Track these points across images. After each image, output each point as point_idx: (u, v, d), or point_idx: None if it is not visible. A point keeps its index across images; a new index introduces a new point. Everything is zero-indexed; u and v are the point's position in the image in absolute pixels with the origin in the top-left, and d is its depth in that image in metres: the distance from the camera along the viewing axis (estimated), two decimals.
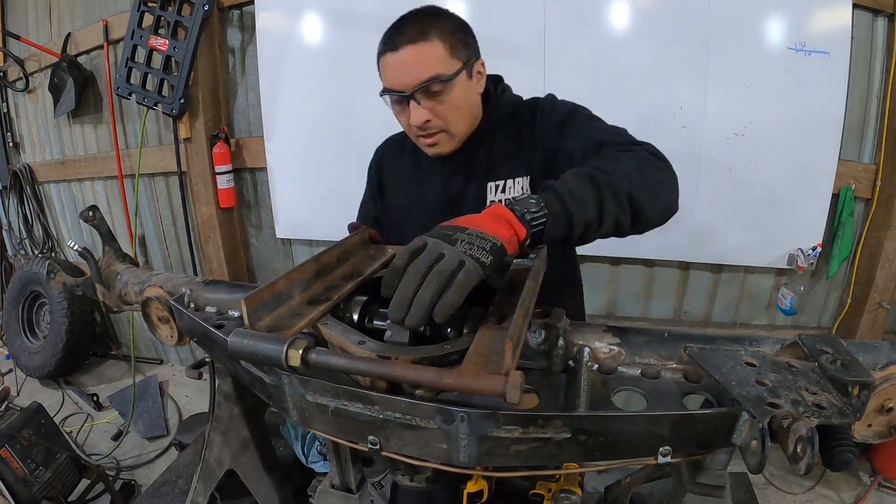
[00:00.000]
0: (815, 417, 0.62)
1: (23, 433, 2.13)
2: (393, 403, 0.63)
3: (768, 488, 2.37)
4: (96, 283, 1.19)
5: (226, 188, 2.80)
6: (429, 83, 1.11)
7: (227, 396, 1.08)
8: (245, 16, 2.67)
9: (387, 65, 1.15)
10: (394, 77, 1.14)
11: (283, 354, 0.61)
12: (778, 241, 2.36)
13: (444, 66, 1.13)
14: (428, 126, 1.17)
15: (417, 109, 1.14)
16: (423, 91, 1.13)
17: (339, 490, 0.93)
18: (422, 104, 1.14)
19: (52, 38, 3.14)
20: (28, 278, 3.44)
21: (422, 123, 1.16)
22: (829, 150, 2.23)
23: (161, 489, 1.40)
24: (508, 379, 0.55)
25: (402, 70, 1.12)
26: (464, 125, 1.23)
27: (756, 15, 2.14)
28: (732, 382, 0.68)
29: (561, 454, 0.63)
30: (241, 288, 0.95)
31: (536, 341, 0.78)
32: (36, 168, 3.54)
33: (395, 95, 1.16)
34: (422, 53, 1.11)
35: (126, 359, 3.57)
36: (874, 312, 2.37)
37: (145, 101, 2.71)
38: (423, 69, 1.11)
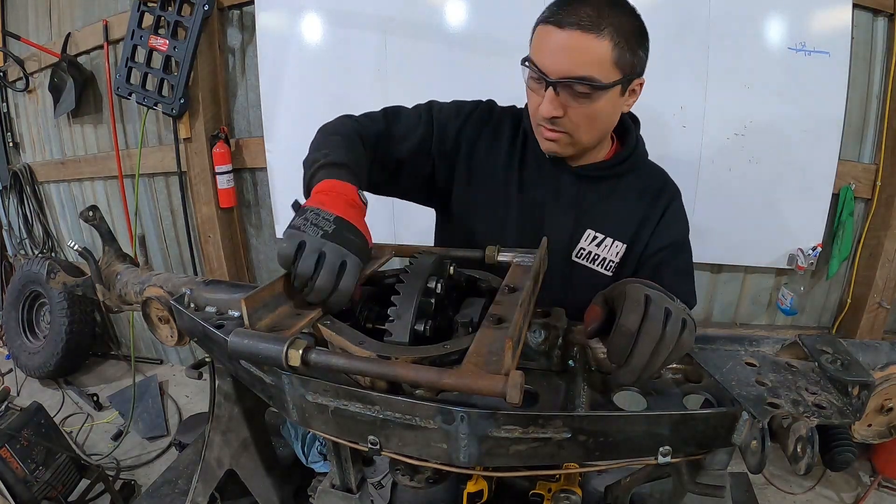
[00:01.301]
0: (815, 417, 0.62)
1: (23, 433, 2.13)
2: (393, 403, 0.63)
3: (768, 488, 2.37)
4: (96, 283, 1.19)
5: (226, 188, 2.80)
6: (576, 81, 0.99)
7: (227, 396, 1.08)
8: (245, 16, 2.67)
9: (544, 37, 1.01)
10: (545, 55, 1.01)
11: (282, 354, 0.61)
12: (778, 241, 2.36)
13: (603, 72, 0.99)
14: (555, 122, 1.06)
15: (551, 101, 1.02)
16: (566, 86, 1.00)
17: (339, 490, 0.93)
18: (559, 97, 1.02)
19: (52, 38, 3.14)
20: (28, 278, 3.44)
21: (549, 116, 1.04)
22: (829, 150, 2.23)
23: (161, 489, 1.40)
24: (508, 379, 0.55)
25: (557, 53, 0.99)
26: (591, 138, 1.12)
27: (756, 15, 2.14)
28: (732, 382, 0.68)
29: (561, 454, 0.63)
30: (241, 288, 0.94)
31: (536, 341, 0.78)
32: (36, 168, 3.54)
33: (535, 72, 1.03)
34: (587, 47, 0.97)
35: (126, 359, 3.57)
36: (874, 312, 2.37)
37: (145, 101, 2.71)
38: (578, 64, 0.98)
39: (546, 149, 1.14)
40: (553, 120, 1.06)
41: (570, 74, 0.99)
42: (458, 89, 1.55)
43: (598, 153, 1.22)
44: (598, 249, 1.20)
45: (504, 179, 1.22)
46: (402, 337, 0.70)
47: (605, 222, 1.20)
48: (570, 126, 1.07)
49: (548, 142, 1.11)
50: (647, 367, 0.67)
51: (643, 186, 1.22)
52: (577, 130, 1.08)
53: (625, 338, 0.68)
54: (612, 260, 1.21)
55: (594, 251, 1.20)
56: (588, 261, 1.21)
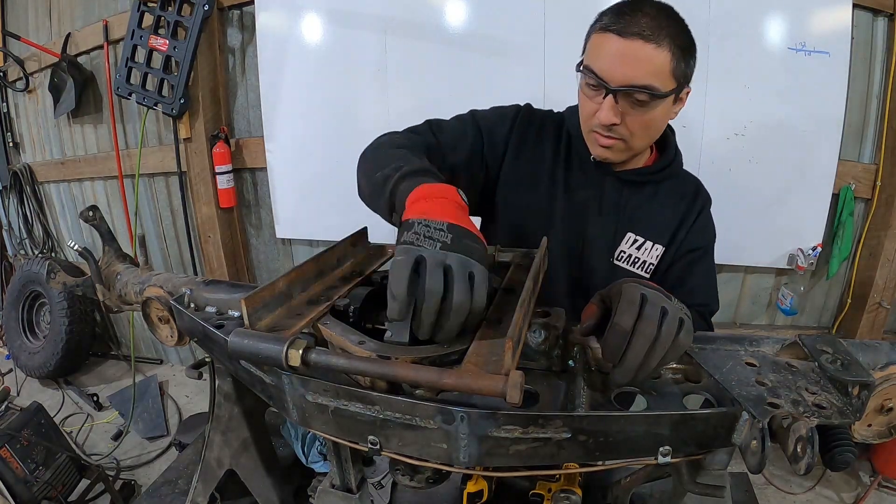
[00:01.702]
0: (815, 417, 0.62)
1: (23, 433, 2.13)
2: (393, 403, 0.63)
3: (768, 488, 2.37)
4: (96, 283, 1.19)
5: (226, 188, 2.80)
6: (638, 90, 1.01)
7: (227, 396, 1.08)
8: (245, 16, 2.67)
9: (604, 45, 1.02)
10: (606, 63, 1.02)
11: (282, 354, 0.61)
12: (778, 241, 2.36)
13: (661, 81, 1.02)
14: (612, 129, 1.08)
15: (610, 108, 1.04)
16: (626, 94, 1.02)
17: (339, 490, 0.93)
18: (618, 105, 1.04)
19: (52, 38, 3.14)
20: (28, 278, 3.45)
21: (609, 123, 1.06)
22: (829, 150, 2.23)
23: (161, 489, 1.40)
24: (508, 379, 0.55)
25: (619, 62, 1.00)
26: (643, 144, 1.16)
27: (756, 15, 2.14)
28: (732, 382, 0.68)
29: (561, 454, 0.63)
30: (241, 288, 0.94)
31: (536, 341, 0.78)
32: (36, 168, 3.54)
33: (594, 80, 1.04)
34: (648, 56, 0.99)
35: (126, 359, 3.57)
36: (874, 312, 2.37)
37: (145, 101, 2.72)
38: (641, 73, 1.00)
39: (598, 154, 1.16)
40: (610, 127, 1.07)
41: (632, 83, 1.00)
42: (458, 89, 1.55)
43: (640, 159, 1.25)
44: (638, 252, 1.22)
45: (549, 182, 1.24)
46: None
47: (645, 226, 1.22)
48: (626, 133, 1.09)
49: (602, 148, 1.13)
50: (643, 367, 0.67)
51: (681, 192, 1.26)
52: (632, 137, 1.10)
53: (619, 337, 0.67)
54: (651, 262, 1.24)
55: (634, 254, 1.23)
56: (628, 264, 1.24)
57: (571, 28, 2.22)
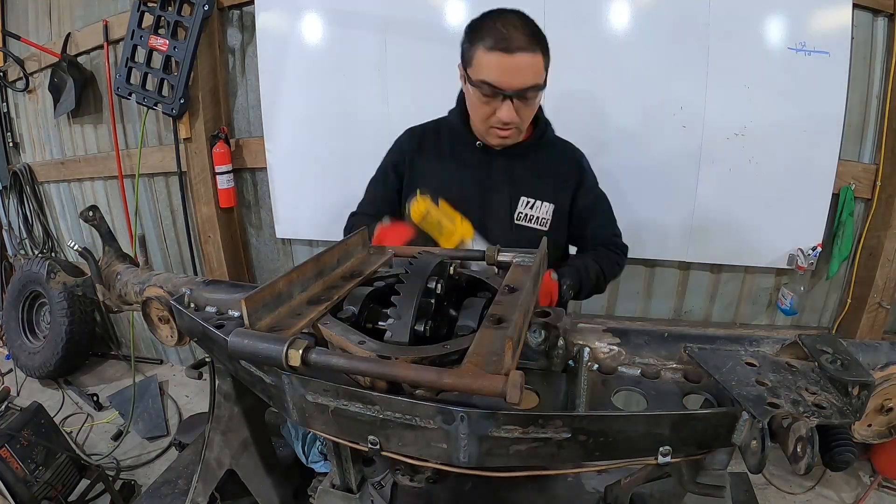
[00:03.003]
0: (816, 417, 0.62)
1: (23, 433, 2.13)
2: (393, 403, 0.63)
3: (768, 488, 2.37)
4: (96, 283, 1.19)
5: (226, 188, 2.80)
6: (529, 90, 1.28)
7: (227, 396, 1.08)
8: (245, 16, 2.67)
9: (495, 63, 1.25)
10: (500, 76, 1.26)
11: (282, 354, 0.61)
12: (778, 241, 2.36)
13: (541, 77, 1.30)
14: (511, 122, 1.33)
15: (510, 109, 1.30)
16: (520, 95, 1.28)
17: (339, 490, 0.93)
18: (514, 104, 1.30)
19: (52, 38, 3.14)
20: (28, 278, 3.44)
21: (509, 120, 1.32)
22: (829, 150, 2.23)
23: (161, 489, 1.40)
24: (508, 379, 0.55)
25: (512, 73, 1.25)
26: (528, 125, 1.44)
27: (756, 15, 2.14)
28: (732, 382, 0.68)
29: (561, 454, 0.63)
30: (241, 288, 0.94)
31: (536, 341, 0.78)
32: (36, 168, 3.54)
33: (492, 90, 1.28)
34: (532, 64, 1.26)
35: (126, 359, 3.57)
36: (874, 312, 2.37)
37: (145, 101, 2.71)
38: (529, 77, 1.27)
39: (498, 143, 1.43)
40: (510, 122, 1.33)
41: (524, 86, 1.27)
42: (458, 89, 1.55)
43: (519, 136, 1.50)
44: (532, 211, 1.50)
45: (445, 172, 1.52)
46: (402, 337, 0.70)
47: (534, 189, 1.50)
48: (519, 121, 1.36)
49: (501, 139, 1.40)
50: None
51: (556, 156, 1.54)
52: (524, 122, 1.39)
53: None
54: (545, 218, 1.52)
55: (529, 213, 1.51)
56: (527, 221, 1.51)
57: (571, 28, 2.23)
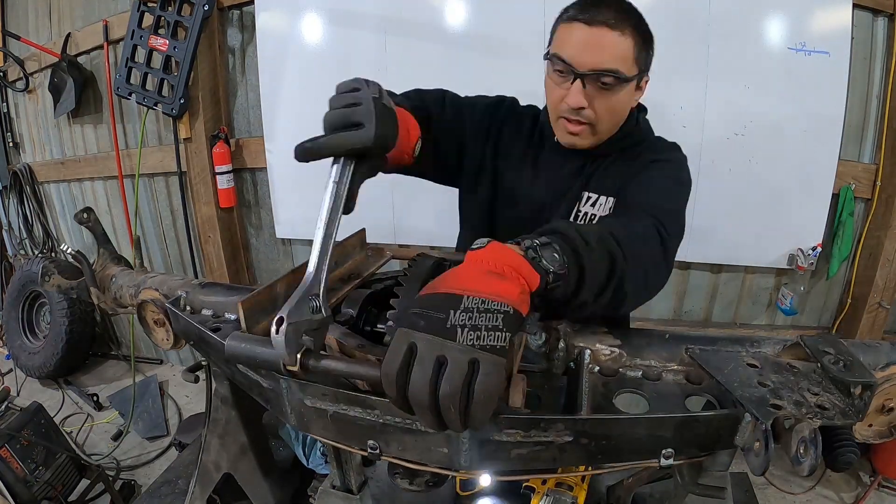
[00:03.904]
0: (818, 418, 0.62)
1: (23, 433, 2.12)
2: (393, 407, 0.62)
3: (768, 488, 2.37)
4: (91, 287, 1.18)
5: (226, 188, 2.79)
6: (604, 74, 1.07)
7: (225, 400, 1.07)
8: (245, 16, 2.67)
9: (572, 34, 1.09)
10: (574, 50, 1.08)
11: (281, 358, 0.60)
12: (778, 241, 2.36)
13: (626, 66, 1.09)
14: (580, 113, 1.13)
15: (579, 93, 1.09)
16: (594, 78, 1.08)
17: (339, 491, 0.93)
18: (586, 89, 1.09)
19: (52, 38, 3.13)
20: (28, 278, 3.44)
21: (577, 106, 1.11)
22: (829, 150, 2.22)
23: (161, 489, 1.40)
24: (510, 382, 0.54)
25: (588, 48, 1.07)
26: (609, 129, 1.20)
27: (756, 15, 2.14)
28: (734, 384, 0.68)
29: (563, 457, 0.63)
30: (238, 290, 0.94)
31: (537, 343, 0.78)
32: (36, 168, 3.54)
33: (563, 65, 1.10)
34: (614, 42, 1.07)
35: (126, 359, 3.57)
36: (874, 312, 2.37)
37: (145, 101, 2.71)
38: (608, 58, 1.07)
39: (567, 141, 1.20)
40: (578, 111, 1.12)
41: (599, 67, 1.07)
42: (458, 89, 1.55)
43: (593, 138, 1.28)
44: (594, 209, 1.25)
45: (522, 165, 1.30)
46: None
47: (599, 183, 1.25)
48: (593, 117, 1.13)
49: (569, 135, 1.18)
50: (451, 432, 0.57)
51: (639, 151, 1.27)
52: (598, 121, 1.15)
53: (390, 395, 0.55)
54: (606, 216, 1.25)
55: (590, 211, 1.25)
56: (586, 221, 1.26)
57: None
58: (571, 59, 1.08)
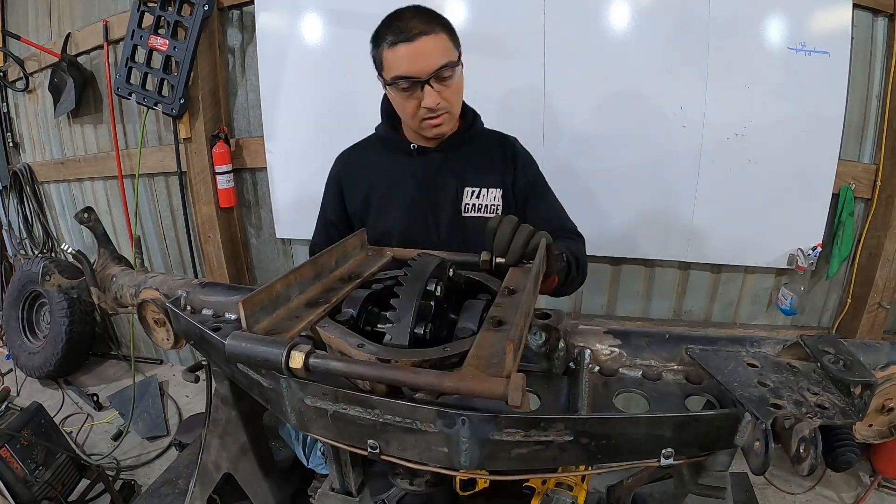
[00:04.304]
0: (818, 418, 0.62)
1: (23, 433, 2.12)
2: (393, 407, 0.62)
3: (768, 488, 2.37)
4: (91, 286, 1.18)
5: (226, 188, 2.79)
6: (442, 69, 1.26)
7: (225, 400, 1.07)
8: (245, 16, 2.67)
9: (401, 54, 1.27)
10: (410, 65, 1.26)
11: (282, 358, 0.60)
12: (778, 241, 2.36)
13: (450, 54, 1.29)
14: (438, 108, 1.31)
15: (431, 94, 1.28)
16: (436, 77, 1.27)
17: (339, 493, 0.93)
18: (434, 88, 1.28)
19: (52, 38, 3.13)
20: (28, 278, 3.44)
21: (435, 105, 1.30)
22: (829, 150, 2.22)
23: (161, 489, 1.40)
24: (510, 382, 0.54)
25: (420, 58, 1.25)
26: (459, 107, 1.41)
27: (756, 15, 2.14)
28: (734, 384, 0.68)
29: (563, 457, 0.63)
30: (238, 290, 0.94)
31: (537, 343, 0.78)
32: (36, 168, 3.54)
33: (408, 82, 1.28)
34: (436, 43, 1.26)
35: (126, 359, 3.57)
36: (874, 312, 2.37)
37: (145, 101, 2.71)
38: (438, 57, 1.26)
39: (435, 135, 1.40)
40: (437, 107, 1.31)
41: (435, 67, 1.26)
42: None
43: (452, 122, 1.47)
44: (479, 200, 1.46)
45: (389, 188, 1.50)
46: (401, 340, 0.70)
47: (475, 178, 1.46)
48: (448, 105, 1.33)
49: (436, 128, 1.37)
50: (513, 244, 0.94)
51: (490, 143, 1.52)
52: (452, 106, 1.36)
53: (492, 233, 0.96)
54: (495, 204, 1.47)
55: (476, 203, 1.47)
56: (475, 212, 1.47)
57: (571, 28, 2.23)
58: (412, 73, 1.27)
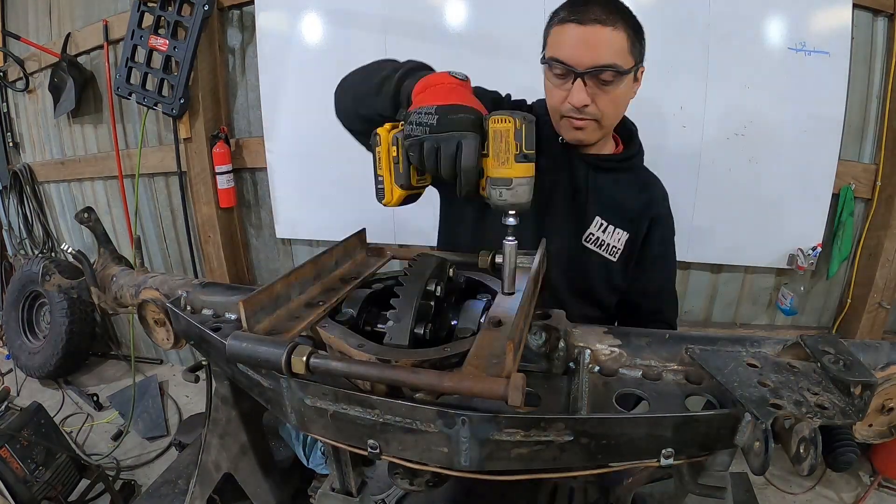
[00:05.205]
0: (818, 418, 0.62)
1: (23, 433, 2.12)
2: (393, 407, 0.62)
3: (768, 488, 2.37)
4: (91, 286, 1.18)
5: (226, 188, 2.79)
6: (603, 69, 1.09)
7: (225, 400, 1.07)
8: (245, 16, 2.67)
9: (566, 35, 1.11)
10: (570, 50, 1.10)
11: (283, 358, 0.60)
12: (778, 241, 2.36)
13: (623, 59, 1.11)
14: (584, 110, 1.15)
15: (581, 91, 1.11)
16: (594, 75, 1.10)
17: (339, 493, 0.93)
18: (587, 87, 1.12)
19: (52, 38, 3.13)
20: (28, 278, 3.44)
21: (581, 105, 1.13)
22: (829, 150, 2.22)
23: (161, 489, 1.40)
24: (510, 381, 0.54)
25: (583, 47, 1.09)
26: (613, 122, 1.23)
27: (756, 15, 2.14)
28: (734, 384, 0.68)
29: (563, 457, 0.63)
30: (238, 290, 0.94)
31: (537, 343, 0.78)
32: (36, 168, 3.54)
33: (562, 68, 1.12)
34: (608, 38, 1.09)
35: (126, 359, 3.57)
36: (874, 312, 2.37)
37: (145, 101, 2.71)
38: (604, 54, 1.09)
39: (572, 138, 1.22)
40: (583, 109, 1.14)
41: (598, 63, 1.09)
42: None
43: (604, 146, 1.32)
44: (604, 236, 1.29)
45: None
46: (401, 340, 0.70)
47: (610, 211, 1.29)
48: (597, 113, 1.15)
49: (575, 131, 1.20)
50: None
51: (642, 183, 1.35)
52: (603, 117, 1.17)
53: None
54: (616, 247, 1.30)
55: (601, 237, 1.29)
56: (595, 246, 1.30)
57: None
58: (569, 60, 1.10)
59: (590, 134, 1.20)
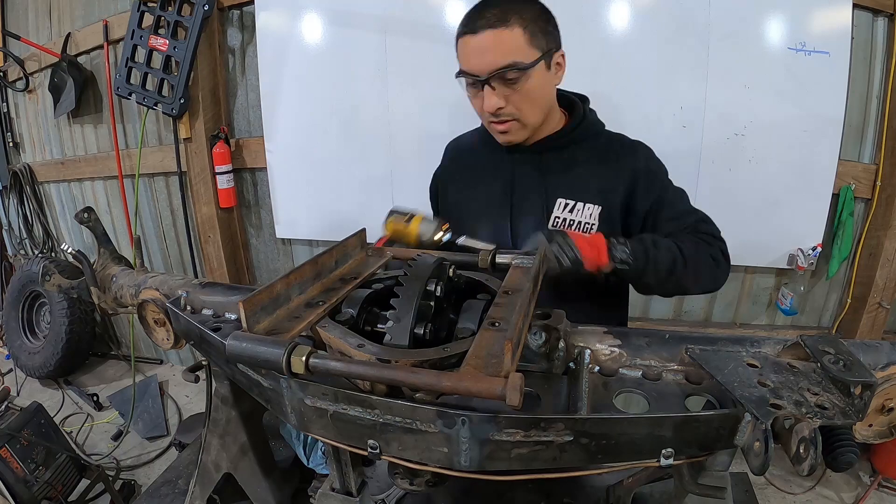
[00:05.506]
0: (818, 418, 0.62)
1: (23, 433, 2.13)
2: (393, 407, 0.62)
3: (768, 488, 2.37)
4: (91, 286, 1.18)
5: (226, 188, 2.80)
6: (505, 70, 1.11)
7: (225, 400, 1.07)
8: (245, 16, 2.67)
9: (465, 47, 1.15)
10: (471, 61, 1.14)
11: (282, 358, 0.60)
12: (778, 241, 2.36)
13: (523, 55, 1.11)
14: (500, 113, 1.18)
15: (491, 96, 1.14)
16: (498, 77, 1.12)
17: (339, 493, 0.93)
18: (496, 90, 1.14)
19: (52, 38, 3.14)
20: (28, 278, 3.44)
21: (494, 110, 1.16)
22: (829, 150, 2.22)
23: (161, 489, 1.40)
24: (508, 381, 0.54)
25: (480, 54, 1.12)
26: (537, 116, 1.23)
27: (756, 15, 2.14)
28: (734, 384, 0.67)
29: (563, 457, 0.63)
30: (238, 290, 0.94)
31: (537, 343, 0.78)
32: (36, 168, 3.54)
33: (469, 79, 1.17)
34: (501, 39, 1.10)
35: (126, 359, 3.57)
36: (874, 312, 2.37)
37: (145, 101, 2.71)
38: (500, 55, 1.11)
39: (503, 140, 1.26)
40: (498, 112, 1.17)
41: (496, 66, 1.11)
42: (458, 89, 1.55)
43: (549, 127, 1.30)
44: (572, 215, 1.27)
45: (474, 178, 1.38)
46: (401, 340, 0.70)
47: (572, 189, 1.28)
48: (514, 111, 1.18)
49: (501, 134, 1.24)
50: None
51: (603, 150, 1.30)
52: (522, 114, 1.19)
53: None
54: (589, 223, 1.27)
55: (570, 217, 1.28)
56: (566, 227, 1.28)
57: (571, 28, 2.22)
58: (472, 69, 1.14)
59: (515, 133, 1.23)
